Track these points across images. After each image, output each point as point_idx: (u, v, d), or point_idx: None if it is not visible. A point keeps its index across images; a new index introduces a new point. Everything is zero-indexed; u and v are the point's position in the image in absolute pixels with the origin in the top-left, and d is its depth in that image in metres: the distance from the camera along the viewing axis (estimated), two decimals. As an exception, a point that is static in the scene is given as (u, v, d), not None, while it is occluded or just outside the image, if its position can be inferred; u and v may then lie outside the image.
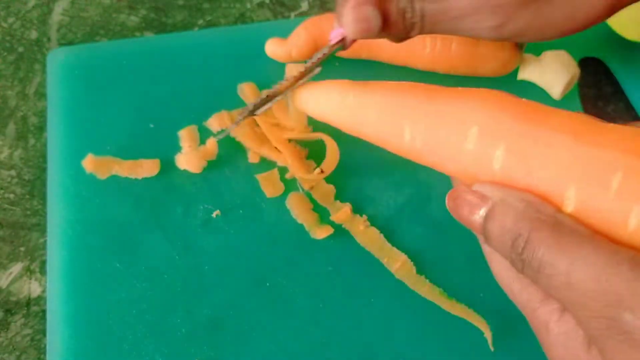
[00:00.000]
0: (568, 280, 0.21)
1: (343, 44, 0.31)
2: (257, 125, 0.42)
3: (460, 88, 0.27)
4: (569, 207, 0.22)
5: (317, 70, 0.32)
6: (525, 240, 0.22)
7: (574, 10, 0.31)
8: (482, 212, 0.24)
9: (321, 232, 0.41)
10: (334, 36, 0.31)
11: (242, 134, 0.42)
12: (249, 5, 0.50)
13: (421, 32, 0.32)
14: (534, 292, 0.24)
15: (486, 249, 0.26)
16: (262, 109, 0.34)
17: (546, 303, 0.24)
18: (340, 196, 0.42)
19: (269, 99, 0.33)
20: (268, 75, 0.43)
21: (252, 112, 0.34)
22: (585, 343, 0.23)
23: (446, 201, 0.26)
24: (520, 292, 0.25)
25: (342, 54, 0.45)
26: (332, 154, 0.41)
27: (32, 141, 0.46)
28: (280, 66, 0.45)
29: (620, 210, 0.21)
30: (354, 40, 0.31)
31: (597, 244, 0.21)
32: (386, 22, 0.30)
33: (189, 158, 0.42)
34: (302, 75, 0.31)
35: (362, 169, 0.43)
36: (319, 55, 0.32)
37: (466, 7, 0.30)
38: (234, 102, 0.44)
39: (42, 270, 0.42)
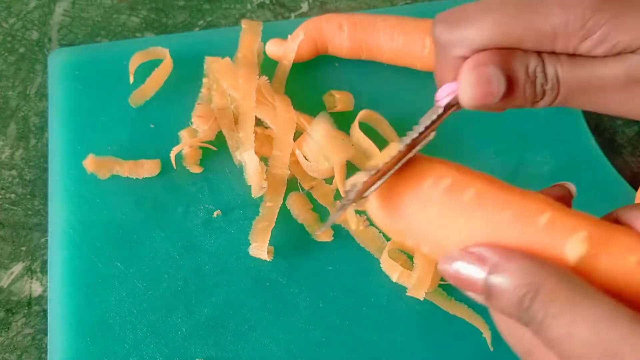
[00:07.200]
0: (568, 332, 0.22)
1: (456, 108, 0.26)
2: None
3: None
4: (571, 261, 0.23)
5: (432, 135, 0.26)
6: (531, 298, 0.22)
7: None
8: (484, 273, 0.23)
9: (322, 236, 0.41)
10: (442, 97, 0.26)
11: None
12: (249, 6, 0.51)
13: (552, 104, 0.26)
14: (534, 343, 0.24)
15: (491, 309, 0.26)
16: (371, 189, 0.26)
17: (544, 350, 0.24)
18: (340, 196, 0.42)
19: (374, 175, 0.25)
20: (267, 75, 0.44)
21: (359, 196, 0.26)
22: None
23: (440, 266, 0.25)
24: (521, 340, 0.25)
25: (342, 53, 0.45)
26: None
27: (33, 141, 0.46)
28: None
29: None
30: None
31: (599, 298, 0.22)
32: (511, 88, 0.25)
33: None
34: (410, 149, 0.25)
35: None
36: (427, 122, 0.25)
37: (618, 77, 0.25)
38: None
39: (43, 270, 0.42)
